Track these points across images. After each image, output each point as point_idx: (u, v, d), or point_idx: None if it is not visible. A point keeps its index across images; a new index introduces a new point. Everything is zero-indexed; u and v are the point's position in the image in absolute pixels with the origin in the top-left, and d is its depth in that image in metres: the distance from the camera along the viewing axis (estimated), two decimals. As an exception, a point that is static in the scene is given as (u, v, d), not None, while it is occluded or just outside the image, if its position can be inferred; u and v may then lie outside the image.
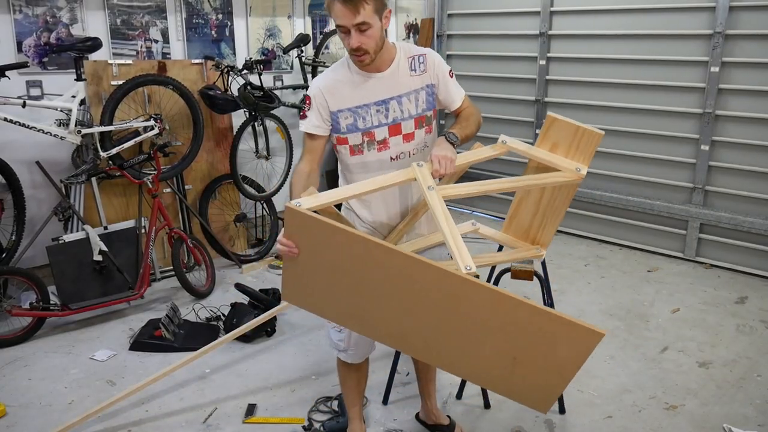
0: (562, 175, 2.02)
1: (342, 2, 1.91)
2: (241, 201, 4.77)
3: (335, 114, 2.13)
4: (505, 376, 1.86)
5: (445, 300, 1.74)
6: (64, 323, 3.64)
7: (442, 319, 1.80)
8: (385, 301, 1.85)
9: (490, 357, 1.83)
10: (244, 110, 4.38)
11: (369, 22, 1.95)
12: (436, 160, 2.00)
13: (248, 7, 4.78)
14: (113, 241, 3.75)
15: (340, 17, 1.95)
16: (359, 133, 2.14)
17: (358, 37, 1.97)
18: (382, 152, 2.16)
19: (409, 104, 2.14)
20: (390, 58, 2.12)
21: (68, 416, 2.76)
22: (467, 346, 1.84)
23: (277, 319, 3.58)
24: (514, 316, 1.69)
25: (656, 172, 4.72)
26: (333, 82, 2.13)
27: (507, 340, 1.76)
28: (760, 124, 4.21)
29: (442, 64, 2.19)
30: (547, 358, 1.76)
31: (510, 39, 5.41)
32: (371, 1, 1.93)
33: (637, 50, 4.66)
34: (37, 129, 3.58)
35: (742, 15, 4.16)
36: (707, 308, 3.87)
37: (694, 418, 2.79)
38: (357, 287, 1.87)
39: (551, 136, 2.06)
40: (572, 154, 2.04)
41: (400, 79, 2.12)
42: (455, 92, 2.22)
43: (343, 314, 2.02)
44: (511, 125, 5.48)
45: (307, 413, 2.82)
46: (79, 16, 4.00)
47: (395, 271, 1.73)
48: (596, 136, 2.00)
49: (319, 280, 1.94)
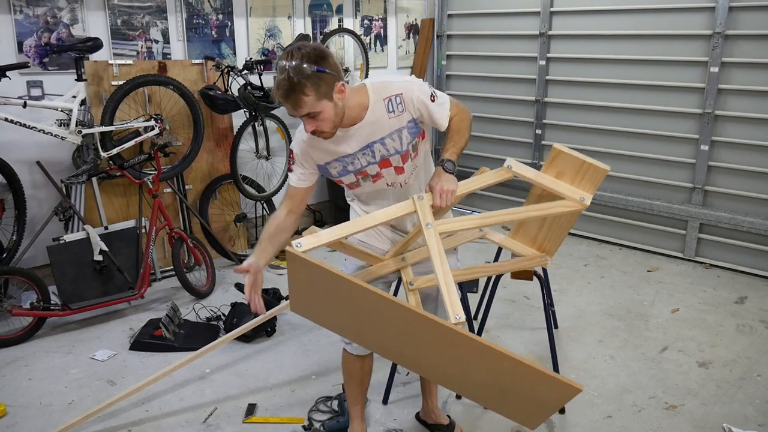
0: (564, 204, 2.03)
1: (283, 97, 1.89)
2: (242, 201, 4.77)
3: (323, 166, 2.15)
4: (491, 397, 1.96)
5: (437, 344, 1.80)
6: (64, 323, 3.64)
7: (434, 356, 1.88)
8: (381, 333, 1.94)
9: (478, 385, 1.94)
10: (245, 110, 4.38)
11: (316, 110, 1.91)
12: (436, 194, 1.98)
13: (248, 7, 4.78)
14: (114, 241, 3.75)
15: (287, 109, 1.93)
16: (351, 174, 2.16)
17: (312, 123, 1.94)
18: (377, 182, 2.19)
19: (393, 143, 2.10)
20: (362, 108, 2.04)
21: (68, 416, 2.77)
22: (458, 374, 1.94)
23: (277, 319, 3.58)
24: (498, 365, 1.75)
25: (656, 172, 4.73)
26: (313, 138, 2.08)
27: (494, 379, 1.84)
28: (759, 124, 4.21)
29: (421, 93, 2.07)
30: (530, 396, 1.82)
31: (510, 39, 5.41)
32: (311, 92, 1.86)
33: (637, 50, 4.67)
34: (38, 129, 3.58)
35: (742, 15, 4.17)
36: (707, 308, 3.87)
37: (694, 418, 2.79)
38: (356, 319, 1.95)
39: (556, 164, 2.04)
40: (577, 182, 2.03)
41: (378, 124, 2.06)
42: (440, 116, 2.11)
43: (344, 329, 2.13)
44: (511, 125, 5.48)
45: (307, 413, 2.82)
46: (79, 17, 4.00)
47: (389, 315, 1.80)
48: (601, 172, 1.98)
49: (321, 305, 2.03)
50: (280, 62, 1.89)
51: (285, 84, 1.86)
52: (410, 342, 1.89)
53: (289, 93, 1.87)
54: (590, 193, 2.03)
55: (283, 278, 4.35)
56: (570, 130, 5.11)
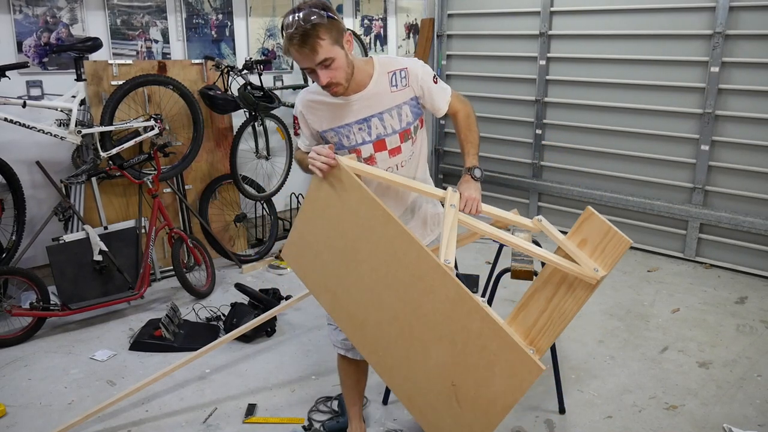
0: (578, 268, 2.06)
1: (298, 44, 1.87)
2: (241, 201, 4.77)
3: (321, 133, 2.15)
4: (437, 405, 1.91)
5: (414, 287, 1.86)
6: (64, 323, 3.64)
7: (403, 312, 1.91)
8: (362, 278, 2.00)
9: (431, 374, 1.90)
10: (244, 110, 4.38)
11: (331, 56, 1.91)
12: (463, 201, 2.09)
13: (248, 7, 4.78)
14: (113, 241, 3.75)
15: (300, 60, 1.91)
16: (345, 150, 2.15)
17: (326, 73, 1.93)
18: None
19: (392, 120, 2.11)
20: (367, 76, 2.06)
21: (68, 416, 2.77)
22: (414, 352, 1.92)
23: (277, 319, 3.58)
24: (467, 323, 1.77)
25: (656, 172, 4.72)
26: (313, 102, 2.12)
27: (452, 354, 1.83)
28: (760, 124, 4.21)
29: (425, 74, 2.13)
30: (480, 389, 1.80)
31: (510, 39, 5.41)
32: (326, 35, 1.87)
33: (637, 50, 4.66)
34: (38, 129, 3.58)
35: (742, 15, 4.16)
36: (707, 308, 3.87)
37: (694, 418, 2.79)
38: (346, 254, 2.03)
39: (584, 230, 2.10)
40: (597, 255, 2.08)
41: (379, 97, 2.08)
42: (440, 99, 2.18)
43: (321, 286, 2.15)
44: (511, 125, 5.48)
45: (307, 413, 2.82)
46: (79, 16, 4.00)
47: (385, 240, 1.90)
48: (624, 243, 2.03)
49: (318, 240, 2.10)
50: (286, 18, 1.90)
51: (300, 31, 1.85)
52: (386, 290, 1.93)
53: (305, 39, 1.85)
54: (605, 269, 2.06)
55: (283, 278, 4.34)
56: (570, 130, 5.11)
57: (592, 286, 2.04)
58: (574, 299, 2.11)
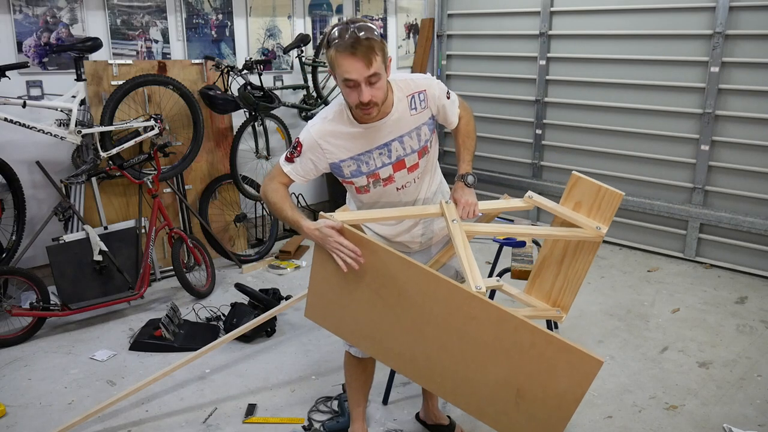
0: (582, 232, 2.11)
1: (352, 55, 1.82)
2: (241, 201, 4.77)
3: (336, 164, 2.09)
4: (507, 410, 1.92)
5: (454, 318, 1.84)
6: (64, 323, 3.64)
7: (449, 341, 1.90)
8: (398, 319, 1.97)
9: (494, 387, 1.91)
10: (244, 110, 4.38)
11: (379, 73, 1.88)
12: (460, 207, 2.10)
13: (248, 7, 4.78)
14: (113, 241, 3.75)
15: (350, 71, 1.85)
16: (364, 176, 2.12)
17: (369, 91, 1.88)
18: (387, 186, 2.16)
19: (411, 141, 2.10)
20: (390, 103, 2.03)
21: (68, 416, 2.76)
22: (472, 373, 1.92)
23: (277, 319, 3.58)
24: (517, 338, 1.77)
25: (656, 172, 4.72)
26: (332, 132, 2.05)
27: (510, 367, 1.84)
28: (760, 124, 4.20)
29: (441, 92, 2.13)
30: (547, 390, 1.81)
31: (510, 39, 5.41)
32: (379, 52, 1.86)
33: (637, 50, 4.66)
34: (38, 129, 3.58)
35: (742, 15, 4.16)
36: (707, 308, 3.87)
37: (694, 418, 2.79)
38: (375, 302, 1.99)
39: (575, 194, 2.17)
40: (593, 214, 2.14)
41: (400, 122, 2.06)
42: (452, 113, 2.20)
43: (357, 334, 2.15)
44: (511, 125, 5.48)
45: (307, 413, 2.82)
46: (79, 16, 4.00)
47: (411, 284, 1.88)
48: (617, 197, 2.11)
49: (341, 295, 2.07)
50: (335, 29, 1.86)
51: (358, 42, 1.81)
52: (425, 327, 1.91)
53: (363, 50, 1.82)
54: (606, 223, 2.12)
55: (283, 278, 4.34)
56: (570, 130, 5.11)
57: (597, 243, 2.11)
58: (582, 258, 2.17)
